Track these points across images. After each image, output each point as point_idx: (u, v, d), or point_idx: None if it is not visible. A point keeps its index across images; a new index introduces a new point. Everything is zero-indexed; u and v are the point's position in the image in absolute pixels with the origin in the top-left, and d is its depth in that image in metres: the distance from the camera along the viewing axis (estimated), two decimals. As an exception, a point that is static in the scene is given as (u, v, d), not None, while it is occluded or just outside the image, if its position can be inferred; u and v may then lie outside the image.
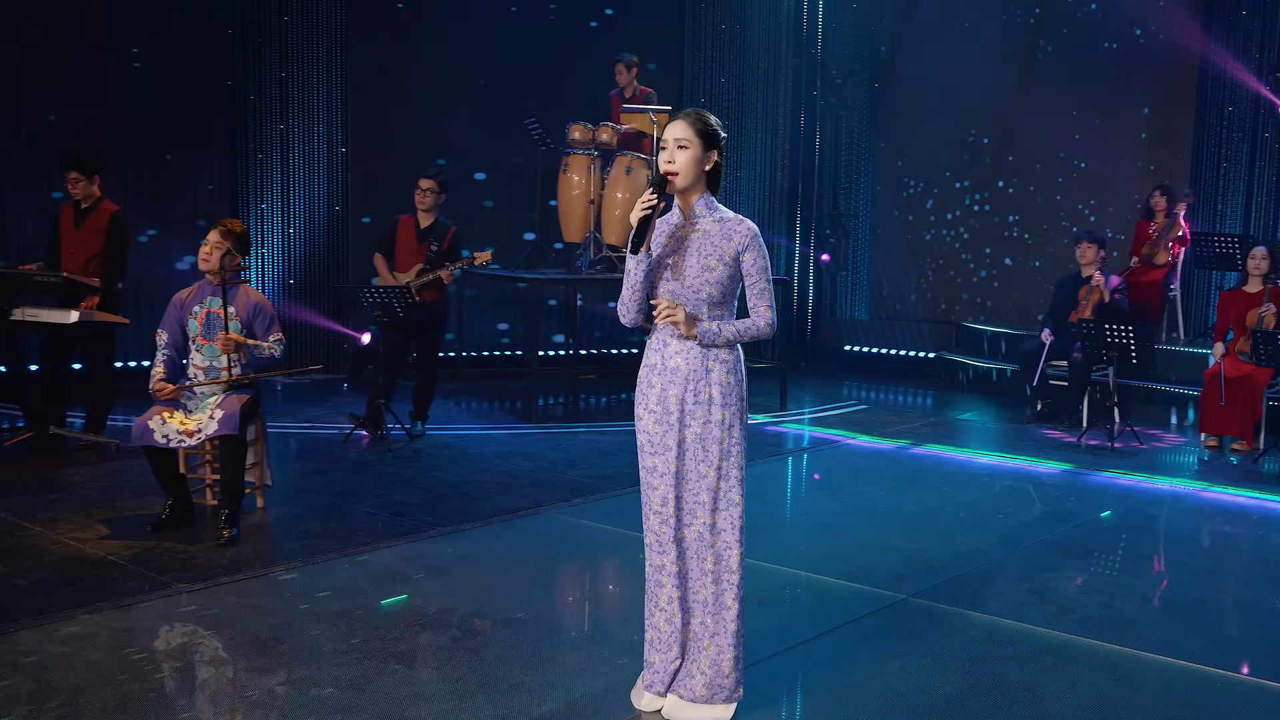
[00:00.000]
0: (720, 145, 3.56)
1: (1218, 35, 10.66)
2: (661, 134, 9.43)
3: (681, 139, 3.50)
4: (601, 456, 7.51)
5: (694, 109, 3.60)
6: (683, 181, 3.51)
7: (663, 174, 3.49)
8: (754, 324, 3.55)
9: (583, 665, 4.01)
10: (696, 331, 3.49)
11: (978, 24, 11.87)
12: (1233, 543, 5.84)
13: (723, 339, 3.51)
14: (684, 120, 3.53)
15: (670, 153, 3.50)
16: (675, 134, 3.51)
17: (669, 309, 3.47)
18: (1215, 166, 10.86)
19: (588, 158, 9.51)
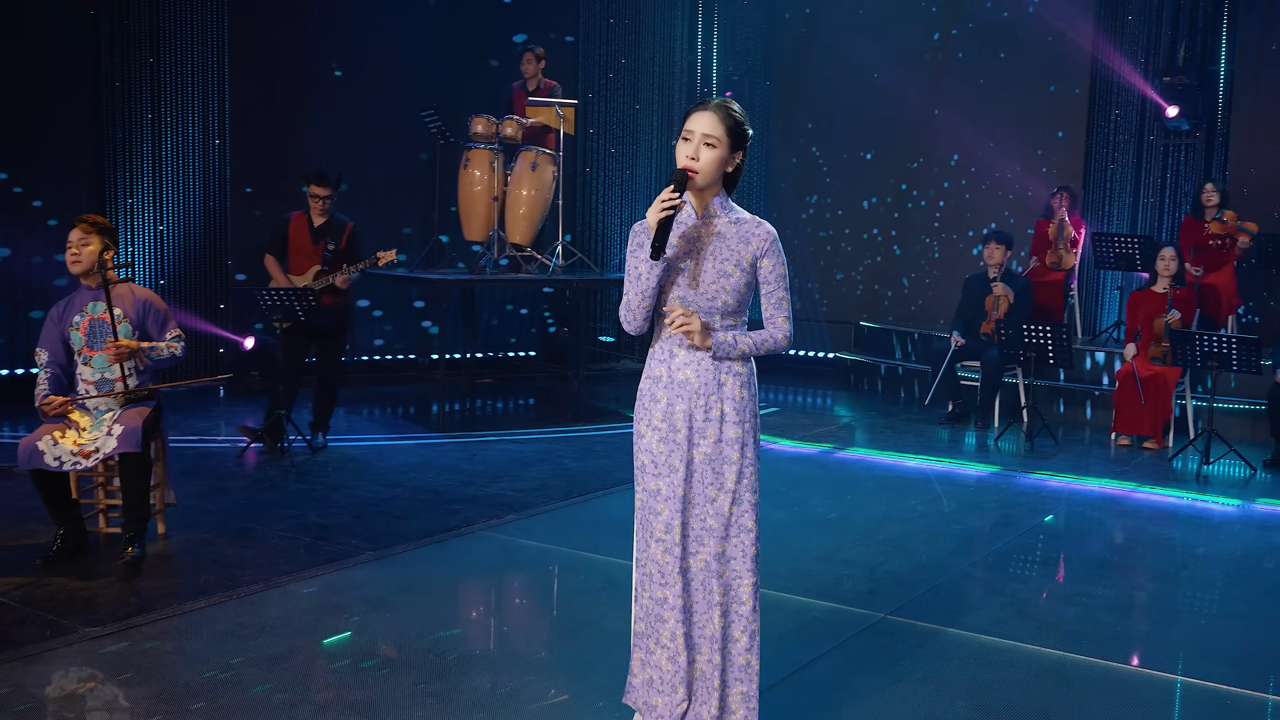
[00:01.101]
0: (746, 145, 3.23)
1: (1107, 40, 10.84)
2: (568, 128, 9.20)
3: (711, 136, 3.15)
4: (522, 467, 7.10)
5: (723, 100, 3.23)
6: (703, 181, 3.17)
7: (682, 170, 3.14)
8: (771, 335, 3.24)
9: (564, 710, 3.63)
10: (711, 343, 3.16)
11: (881, 24, 11.82)
12: (1180, 545, 5.80)
13: (738, 351, 3.19)
14: (714, 114, 3.16)
15: (695, 147, 3.15)
16: (704, 128, 3.15)
17: (684, 318, 3.13)
18: (1104, 168, 11.06)
19: (490, 152, 9.07)
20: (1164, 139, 10.95)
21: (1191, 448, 7.91)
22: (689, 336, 3.16)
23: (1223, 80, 10.59)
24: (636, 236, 3.28)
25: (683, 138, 3.18)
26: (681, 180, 3.12)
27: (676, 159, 3.19)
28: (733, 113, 3.20)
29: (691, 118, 3.18)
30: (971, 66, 11.42)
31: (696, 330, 3.14)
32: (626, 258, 3.29)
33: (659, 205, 3.08)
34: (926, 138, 11.67)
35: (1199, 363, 7.61)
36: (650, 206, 3.11)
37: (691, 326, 3.14)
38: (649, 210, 3.11)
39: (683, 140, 3.18)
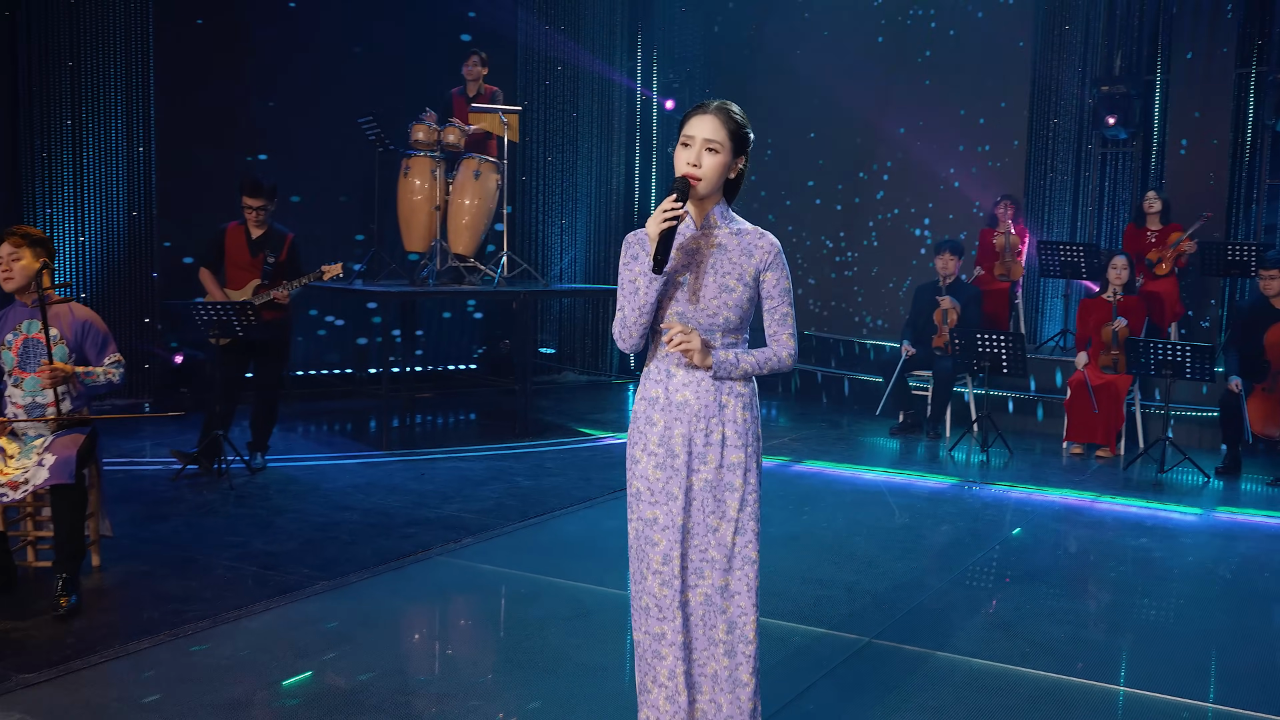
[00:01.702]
0: (749, 150, 3.05)
1: (1045, 49, 10.90)
2: (512, 135, 8.96)
3: (713, 141, 2.95)
4: (474, 487, 6.84)
5: (723, 102, 3.03)
6: (705, 189, 2.97)
7: (684, 178, 2.94)
8: (775, 354, 3.05)
9: (553, 751, 3.41)
10: (711, 362, 2.96)
11: (826, 31, 11.75)
12: (1151, 557, 5.73)
13: (740, 371, 3.00)
14: (715, 117, 2.97)
15: (696, 153, 2.95)
16: (705, 132, 2.95)
17: (683, 335, 2.93)
18: (1043, 176, 11.11)
19: (431, 160, 8.81)
20: (1102, 147, 11.04)
21: (1145, 455, 7.90)
22: (688, 355, 2.96)
23: (1159, 89, 10.69)
24: (630, 248, 3.08)
25: (681, 143, 2.98)
26: (684, 188, 2.92)
27: (675, 166, 3.00)
28: (734, 115, 3.01)
29: (690, 121, 2.99)
30: (916, 74, 11.39)
31: (696, 349, 2.94)
32: (620, 271, 3.09)
33: (660, 215, 2.87)
34: (872, 147, 11.62)
35: (1153, 371, 7.61)
36: (650, 216, 2.91)
37: (691, 345, 2.94)
38: (649, 220, 2.91)
39: (681, 146, 2.98)
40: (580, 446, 8.23)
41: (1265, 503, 6.92)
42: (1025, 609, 4.85)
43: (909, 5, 11.40)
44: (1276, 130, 10.26)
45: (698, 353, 2.94)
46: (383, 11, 10.34)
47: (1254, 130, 10.36)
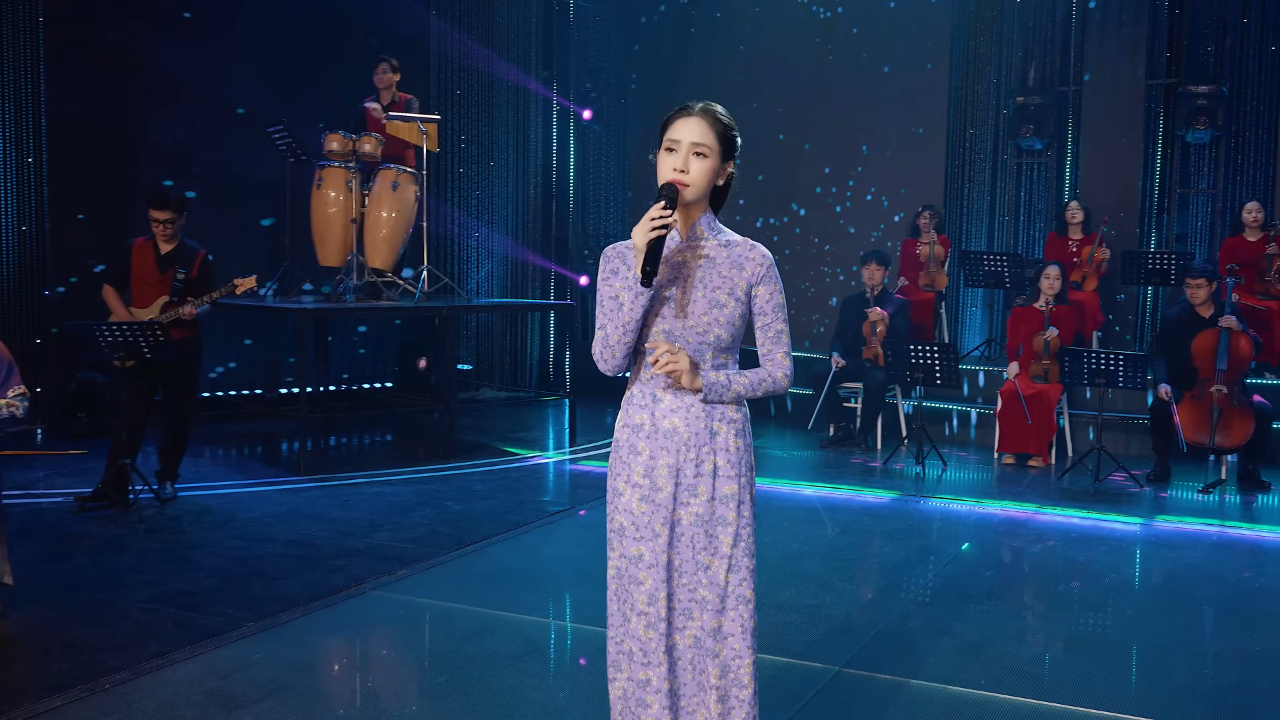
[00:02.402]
0: (737, 154, 2.83)
1: (961, 61, 10.95)
2: (431, 145, 8.64)
3: (701, 145, 2.74)
4: (402, 513, 6.51)
5: (708, 103, 2.83)
6: (693, 196, 2.76)
7: (671, 184, 2.72)
8: (769, 374, 2.83)
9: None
10: (701, 384, 2.74)
11: (747, 39, 11.63)
12: (1102, 571, 5.66)
13: (732, 394, 2.78)
14: (703, 120, 2.76)
15: (683, 158, 2.73)
16: (692, 136, 2.74)
17: (670, 356, 2.70)
18: (961, 186, 11.16)
19: (346, 171, 8.45)
20: (1018, 157, 11.13)
21: (1077, 464, 7.89)
22: (675, 377, 2.73)
23: (1073, 100, 10.81)
24: (609, 262, 2.85)
25: (666, 148, 2.76)
26: (672, 195, 2.70)
27: (659, 173, 2.77)
28: (721, 117, 2.81)
29: (675, 125, 2.77)
30: (838, 86, 11.33)
31: (684, 370, 2.71)
32: (599, 287, 2.85)
33: (647, 224, 2.65)
34: (795, 159, 11.53)
35: (1086, 380, 7.61)
36: (636, 226, 2.68)
37: (678, 366, 2.71)
38: (635, 230, 2.68)
39: (666, 151, 2.76)
40: (508, 467, 7.94)
41: (1201, 510, 6.94)
42: (990, 630, 4.71)
43: (831, 15, 11.36)
44: (1187, 141, 10.45)
45: (686, 374, 2.71)
46: (289, 19, 9.91)
47: (1165, 140, 10.53)
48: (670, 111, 2.84)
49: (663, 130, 2.80)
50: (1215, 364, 7.50)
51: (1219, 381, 7.47)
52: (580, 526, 6.31)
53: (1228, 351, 7.49)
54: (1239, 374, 7.55)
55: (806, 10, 11.41)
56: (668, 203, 2.68)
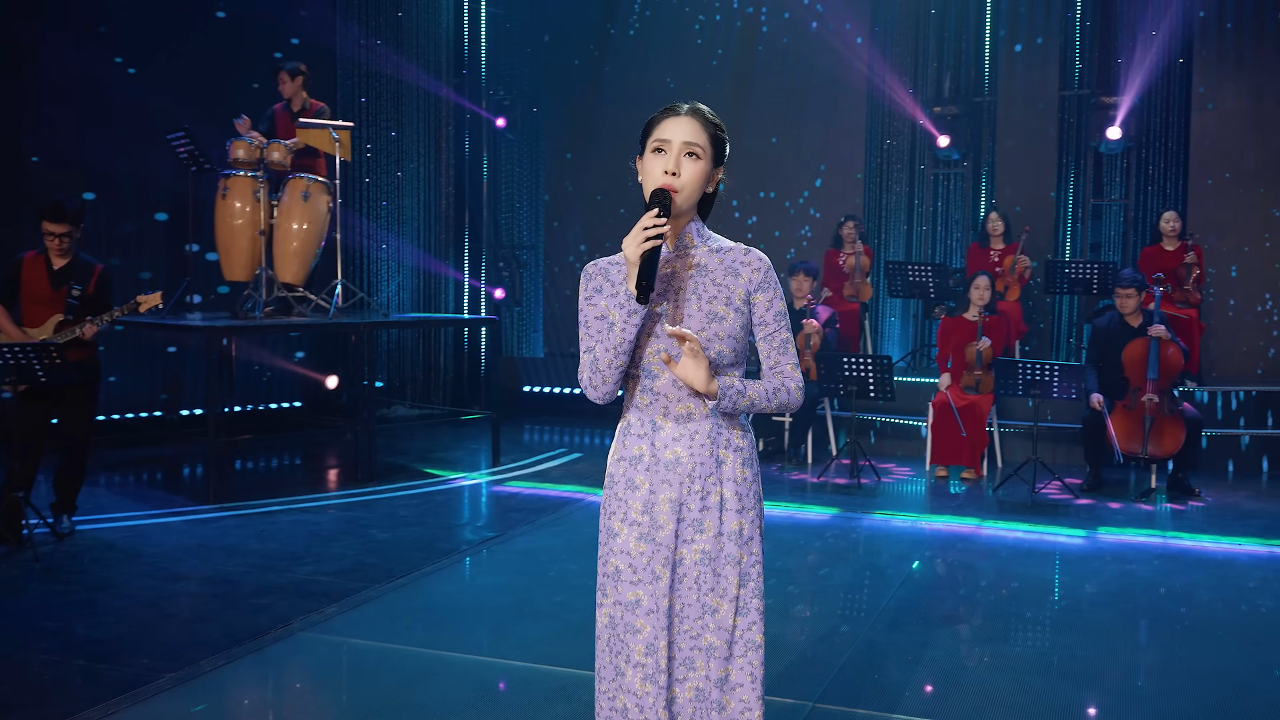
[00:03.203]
0: (725, 159, 2.58)
1: (878, 71, 10.91)
2: (344, 154, 8.23)
3: (693, 144, 2.49)
4: (325, 543, 6.11)
5: (695, 103, 2.57)
6: (685, 201, 2.50)
7: (662, 189, 2.45)
8: (782, 385, 2.56)
9: None
10: (716, 387, 2.46)
11: (664, 47, 11.42)
12: (1058, 587, 5.55)
13: (746, 400, 2.50)
14: (694, 120, 2.52)
15: (674, 160, 2.47)
16: (684, 135, 2.49)
17: (691, 347, 2.40)
18: (879, 197, 11.12)
19: (253, 181, 7.99)
20: (935, 168, 11.13)
21: (1012, 476, 7.83)
22: (686, 377, 2.42)
23: (988, 110, 10.85)
24: (591, 280, 2.58)
25: (653, 149, 2.50)
26: (665, 201, 2.44)
27: (645, 178, 2.51)
28: (710, 117, 2.56)
29: (662, 125, 2.51)
30: (758, 95, 11.20)
31: (700, 372, 2.41)
32: (581, 308, 2.57)
33: (640, 235, 2.38)
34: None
35: (1021, 391, 7.54)
36: (626, 238, 2.40)
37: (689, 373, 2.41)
38: (626, 242, 2.40)
39: (653, 153, 2.50)
40: (432, 490, 7.57)
41: (1142, 521, 6.90)
42: (959, 656, 4.54)
43: (753, 24, 11.23)
44: (1100, 151, 10.56)
45: (702, 375, 2.42)
46: (192, 22, 9.39)
47: (1078, 151, 10.63)
48: (654, 114, 2.57)
49: (645, 134, 2.55)
50: (1146, 373, 7.51)
51: (1150, 390, 7.48)
52: (518, 554, 6.00)
53: (1158, 360, 7.50)
54: (1169, 383, 7.57)
55: (728, 20, 11.27)
56: (660, 209, 2.41)
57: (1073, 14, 10.49)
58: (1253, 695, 4.14)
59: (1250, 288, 10.00)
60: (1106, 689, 4.21)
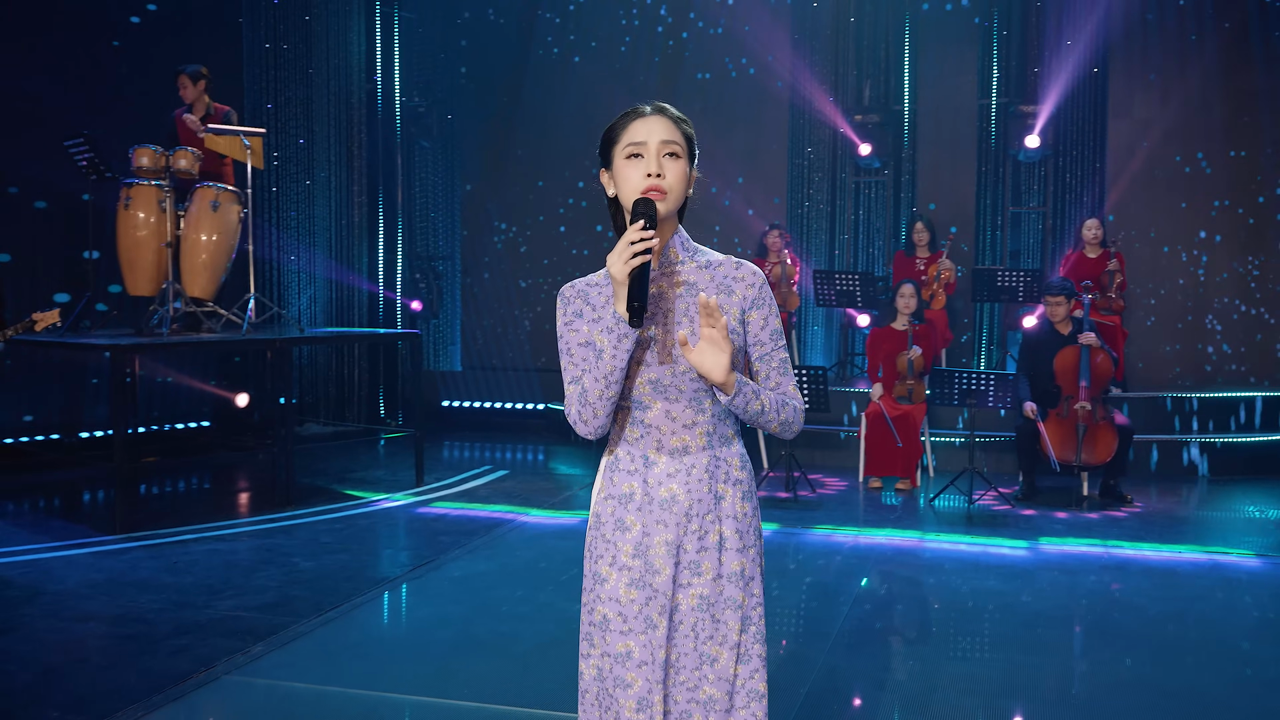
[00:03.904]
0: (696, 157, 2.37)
1: (798, 78, 10.84)
2: (256, 161, 7.84)
3: (672, 143, 2.28)
4: (245, 575, 5.75)
5: (657, 102, 2.36)
6: (670, 206, 2.29)
7: (646, 197, 2.23)
8: (787, 403, 2.35)
9: None
10: (734, 379, 2.22)
11: (582, 51, 11.20)
12: (1012, 601, 5.44)
13: (759, 403, 2.28)
14: (664, 117, 2.30)
15: (654, 162, 2.26)
16: (660, 134, 2.27)
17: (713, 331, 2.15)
18: (801, 205, 11.05)
19: (158, 190, 7.57)
20: (856, 176, 11.10)
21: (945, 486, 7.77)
22: (704, 365, 2.16)
23: (908, 119, 10.85)
24: (569, 304, 2.34)
25: (626, 156, 2.27)
26: (650, 211, 2.21)
27: (623, 187, 2.28)
28: (678, 113, 2.35)
29: (631, 128, 2.28)
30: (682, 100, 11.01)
31: (723, 359, 2.16)
32: (561, 334, 2.33)
33: (627, 251, 2.14)
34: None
35: (957, 401, 7.48)
36: (610, 255, 2.17)
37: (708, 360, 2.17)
38: (610, 260, 2.17)
39: (627, 160, 2.27)
40: (355, 513, 7.23)
41: (1081, 530, 6.87)
42: (927, 679, 4.38)
43: (676, 28, 11.08)
44: (1019, 159, 10.62)
45: (725, 360, 2.17)
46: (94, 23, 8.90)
47: (997, 159, 10.68)
48: (615, 120, 2.34)
49: (609, 143, 2.31)
50: (1078, 381, 7.50)
51: (1082, 398, 7.47)
52: (453, 581, 5.71)
53: (1089, 368, 7.50)
54: (1101, 390, 7.58)
55: (650, 25, 11.10)
56: (647, 220, 2.19)
57: (990, 24, 10.53)
58: (1224, 713, 4.06)
59: (1169, 294, 10.15)
60: (1079, 711, 4.09)
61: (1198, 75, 10.01)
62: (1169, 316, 10.17)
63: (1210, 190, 10.11)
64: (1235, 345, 10.08)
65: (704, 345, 2.17)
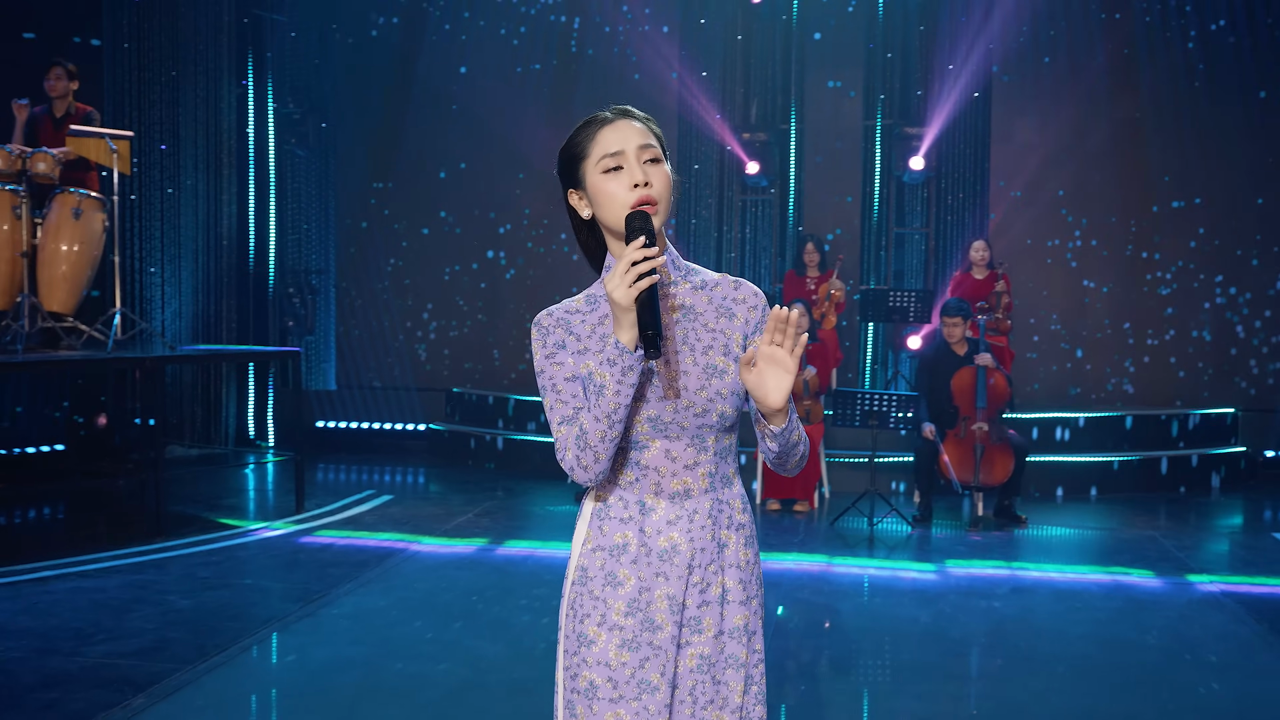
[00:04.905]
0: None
1: (686, 94, 10.74)
2: (123, 166, 7.31)
3: (650, 147, 2.04)
4: (116, 616, 5.26)
5: (617, 106, 2.12)
6: (663, 217, 2.04)
7: (639, 210, 1.99)
8: (802, 432, 2.13)
9: None
10: (789, 407, 2.00)
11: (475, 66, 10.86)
12: (930, 628, 5.34)
13: (798, 434, 2.07)
14: (634, 120, 2.07)
15: (638, 171, 2.01)
16: (637, 140, 2.03)
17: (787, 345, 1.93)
18: (688, 222, 10.94)
19: (13, 195, 7.00)
20: (743, 194, 11.05)
21: (847, 509, 7.69)
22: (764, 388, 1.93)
23: (795, 138, 10.84)
24: (550, 334, 2.08)
25: (604, 170, 2.02)
26: (648, 225, 1.98)
27: (605, 207, 2.03)
28: (644, 114, 2.11)
29: (602, 137, 2.03)
30: (568, 113, 10.80)
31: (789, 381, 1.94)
32: (543, 369, 2.06)
33: (630, 273, 1.88)
34: (525, 188, 10.89)
35: (859, 422, 7.42)
36: (611, 281, 1.90)
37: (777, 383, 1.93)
38: (611, 286, 1.89)
39: (605, 174, 2.02)
40: (233, 544, 6.76)
41: (984, 551, 6.87)
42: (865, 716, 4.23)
43: (564, 39, 10.86)
44: (903, 181, 10.73)
45: (787, 387, 1.95)
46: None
47: (881, 180, 10.76)
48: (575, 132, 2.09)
49: (576, 158, 2.06)
50: (975, 402, 7.53)
51: (980, 419, 7.50)
52: (349, 617, 5.33)
53: (985, 389, 7.53)
54: (997, 411, 7.62)
55: (544, 33, 10.86)
56: (647, 236, 1.95)
57: (875, 46, 10.61)
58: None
59: (1049, 316, 10.36)
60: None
61: (1078, 102, 10.26)
62: (1049, 337, 10.38)
63: (1089, 214, 10.36)
64: (1115, 364, 10.34)
65: (765, 366, 1.94)
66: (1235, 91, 9.96)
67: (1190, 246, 10.22)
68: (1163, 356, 10.30)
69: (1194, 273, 10.25)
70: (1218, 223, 10.15)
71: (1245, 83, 9.98)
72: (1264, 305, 10.13)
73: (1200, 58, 10.04)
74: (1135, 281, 10.35)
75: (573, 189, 2.09)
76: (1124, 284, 10.36)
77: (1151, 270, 10.31)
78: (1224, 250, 10.16)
